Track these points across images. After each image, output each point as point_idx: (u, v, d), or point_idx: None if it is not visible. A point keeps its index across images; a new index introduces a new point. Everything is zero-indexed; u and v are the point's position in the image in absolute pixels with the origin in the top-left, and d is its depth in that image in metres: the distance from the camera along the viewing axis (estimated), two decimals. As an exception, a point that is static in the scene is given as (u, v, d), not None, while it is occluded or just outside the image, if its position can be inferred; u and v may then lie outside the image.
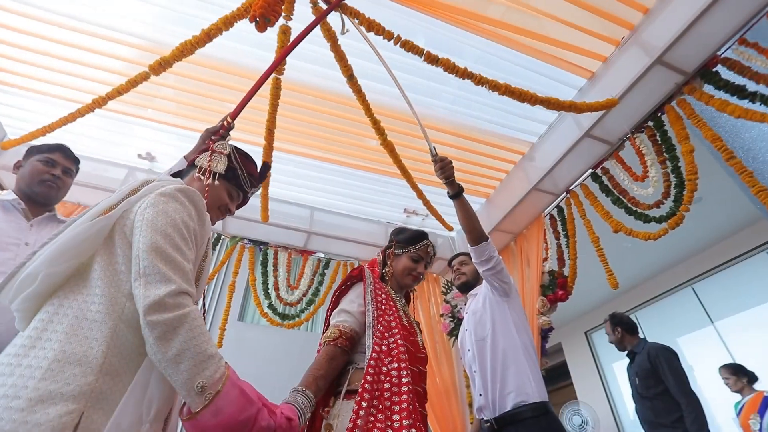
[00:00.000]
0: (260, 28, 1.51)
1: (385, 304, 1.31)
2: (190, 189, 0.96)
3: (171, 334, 0.74)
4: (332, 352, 1.18)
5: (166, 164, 3.11)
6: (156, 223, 0.85)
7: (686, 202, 2.07)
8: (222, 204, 1.15)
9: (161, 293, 0.75)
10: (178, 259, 0.83)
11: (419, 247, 1.52)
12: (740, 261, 5.34)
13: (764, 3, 1.84)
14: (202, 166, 1.13)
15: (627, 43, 2.27)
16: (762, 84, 1.83)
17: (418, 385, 1.20)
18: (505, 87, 1.80)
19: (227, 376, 0.76)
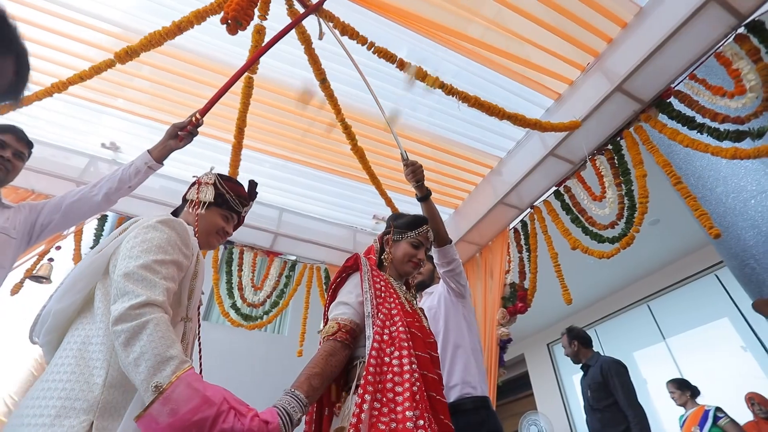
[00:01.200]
0: (231, 31, 1.50)
1: (385, 291, 1.23)
2: (171, 218, 1.05)
3: (133, 340, 0.81)
4: (331, 347, 1.10)
5: (130, 155, 3.02)
6: (132, 251, 0.95)
7: (637, 224, 2.18)
8: (218, 228, 1.25)
9: (125, 306, 0.84)
10: (150, 277, 0.90)
11: (419, 232, 1.46)
12: (691, 281, 5.64)
13: (713, 43, 1.98)
14: (191, 199, 1.23)
15: (591, 69, 2.38)
16: (707, 117, 1.96)
17: (431, 371, 1.13)
18: (474, 99, 1.86)
19: (179, 377, 0.78)
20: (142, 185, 1.69)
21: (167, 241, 0.99)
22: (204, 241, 1.25)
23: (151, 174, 1.62)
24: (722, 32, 1.94)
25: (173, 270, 0.98)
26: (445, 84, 1.79)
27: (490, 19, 2.21)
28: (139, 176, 1.60)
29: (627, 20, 2.21)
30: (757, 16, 1.82)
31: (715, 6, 1.85)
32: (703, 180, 2.99)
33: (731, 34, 1.91)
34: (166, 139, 1.54)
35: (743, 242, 2.72)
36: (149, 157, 1.56)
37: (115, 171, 1.63)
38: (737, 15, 1.86)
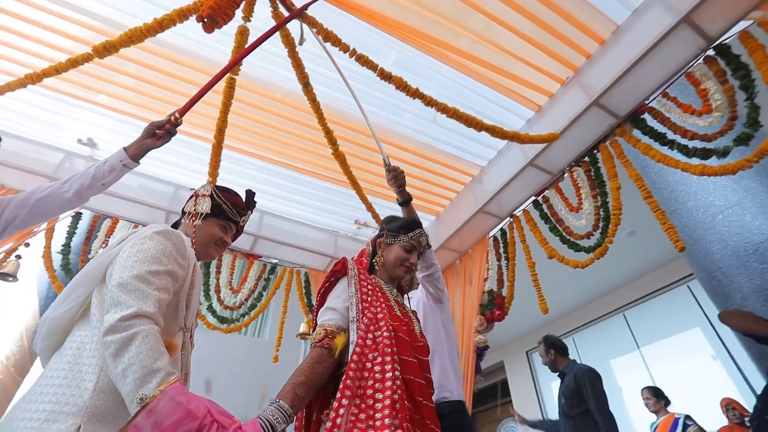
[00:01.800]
0: (207, 29, 1.48)
1: (372, 295, 1.22)
2: (168, 229, 1.08)
3: (122, 351, 0.82)
4: (317, 354, 1.09)
5: (108, 152, 2.95)
6: (128, 261, 0.98)
7: (611, 235, 2.24)
8: (216, 238, 1.27)
9: (116, 317, 0.86)
10: (142, 288, 0.93)
11: (412, 236, 1.43)
12: (665, 292, 5.81)
13: (684, 63, 2.06)
14: (189, 211, 1.27)
15: (570, 83, 2.44)
16: (678, 134, 2.04)
17: (418, 376, 1.11)
18: (453, 111, 1.89)
19: (163, 390, 0.79)
20: (118, 183, 1.65)
21: (162, 251, 1.02)
22: (203, 252, 1.27)
23: (126, 172, 1.58)
24: (693, 53, 2.02)
25: (167, 280, 1.00)
26: (424, 95, 1.81)
27: (477, 32, 2.25)
28: (113, 174, 1.56)
29: (605, 37, 2.28)
30: (725, 39, 1.90)
31: (686, 28, 1.93)
32: (676, 194, 3.09)
33: (701, 55, 2.00)
34: (143, 137, 1.51)
35: (711, 255, 2.82)
36: (125, 155, 1.52)
37: (88, 168, 1.58)
38: (706, 38, 1.94)
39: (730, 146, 1.84)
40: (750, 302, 2.56)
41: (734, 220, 2.71)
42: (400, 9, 2.09)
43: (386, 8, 2.07)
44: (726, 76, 1.86)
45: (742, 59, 1.82)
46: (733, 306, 2.67)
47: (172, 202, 3.08)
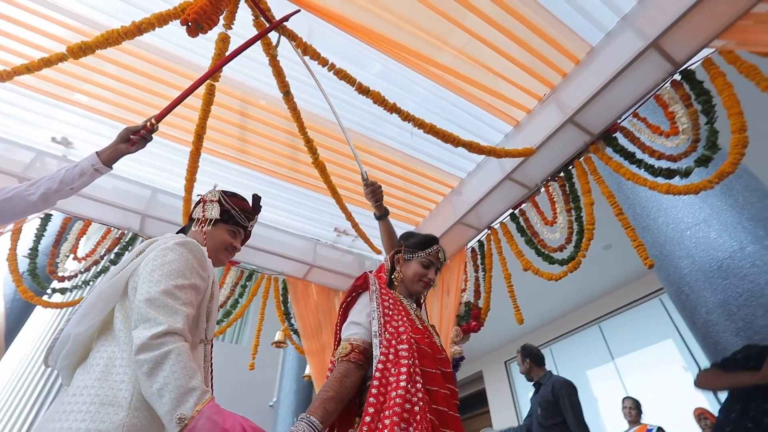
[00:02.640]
0: (192, 33, 1.48)
1: (393, 309, 1.23)
2: (189, 240, 1.09)
3: (156, 370, 0.83)
4: (344, 369, 1.10)
5: (83, 151, 2.88)
6: (152, 275, 0.98)
7: (583, 249, 2.30)
8: (226, 244, 1.29)
9: (147, 335, 0.86)
10: (171, 303, 0.94)
11: (430, 252, 1.45)
12: (639, 304, 5.96)
13: (653, 86, 2.15)
14: (198, 218, 1.28)
15: (547, 100, 2.51)
16: (646, 153, 2.12)
17: (441, 387, 1.12)
18: (429, 126, 1.92)
19: (200, 410, 0.81)
20: (92, 184, 1.62)
21: (186, 264, 1.03)
22: (213, 258, 1.27)
23: (97, 177, 1.55)
24: (661, 77, 2.11)
25: (191, 294, 1.01)
26: (401, 110, 1.84)
27: (458, 48, 2.30)
28: (83, 178, 1.52)
29: (580, 57, 2.36)
30: (690, 65, 2.00)
31: (655, 53, 2.01)
32: (647, 210, 3.19)
33: (668, 79, 2.09)
34: (117, 142, 1.48)
35: (679, 270, 2.91)
36: (97, 160, 1.49)
37: (58, 170, 1.54)
38: (673, 63, 2.03)
39: (692, 167, 1.92)
40: (714, 316, 2.65)
41: (701, 236, 2.81)
42: (383, 22, 2.13)
43: (369, 21, 2.10)
44: (691, 100, 1.95)
45: (705, 85, 1.91)
46: (699, 319, 2.76)
47: (148, 206, 3.02)
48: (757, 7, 1.67)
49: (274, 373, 7.19)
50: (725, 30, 1.81)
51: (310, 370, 3.16)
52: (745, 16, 1.72)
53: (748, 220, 2.60)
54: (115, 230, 3.05)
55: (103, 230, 3.03)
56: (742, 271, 2.51)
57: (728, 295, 2.59)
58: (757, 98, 1.83)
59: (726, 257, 2.64)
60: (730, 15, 1.78)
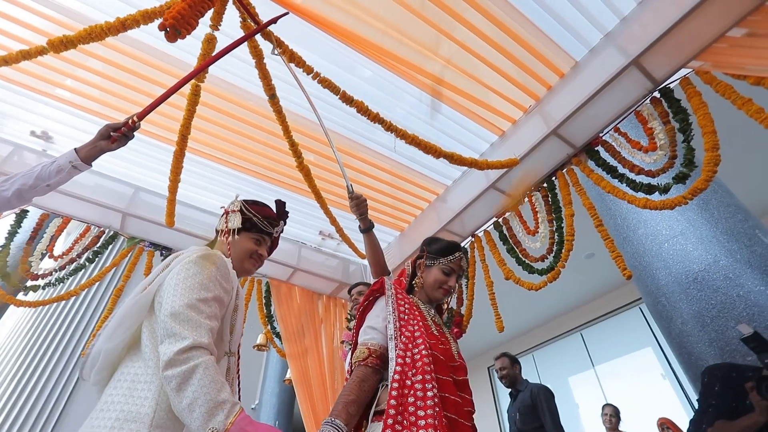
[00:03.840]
0: (170, 38, 1.45)
1: (409, 314, 1.23)
2: (211, 252, 1.11)
3: (184, 385, 0.85)
4: (363, 373, 1.12)
5: (64, 146, 2.83)
6: (176, 290, 0.99)
7: (563, 259, 2.33)
8: (250, 252, 1.28)
9: (174, 350, 0.88)
10: (195, 317, 0.95)
11: (452, 260, 1.42)
12: (620, 313, 6.07)
13: (633, 102, 2.20)
14: (222, 229, 1.29)
15: (532, 112, 2.56)
16: (626, 168, 2.17)
17: (453, 394, 1.11)
18: (412, 137, 1.93)
19: (233, 422, 0.83)
20: (73, 180, 1.58)
21: (209, 277, 1.04)
22: (239, 268, 1.27)
23: (76, 174, 1.51)
24: (641, 93, 2.17)
25: (215, 307, 1.02)
26: (384, 120, 1.85)
27: (446, 58, 2.33)
28: (60, 175, 1.48)
29: (564, 71, 2.41)
30: (669, 83, 2.05)
31: (635, 70, 2.06)
32: (628, 221, 3.26)
33: (648, 96, 2.14)
34: (97, 139, 1.44)
35: (657, 281, 2.98)
36: (75, 156, 1.45)
37: (34, 167, 1.51)
38: (653, 80, 2.09)
39: (671, 183, 1.97)
40: (689, 327, 2.72)
41: (678, 249, 2.88)
42: (373, 30, 2.14)
43: (359, 28, 2.11)
44: (668, 118, 2.00)
45: (682, 103, 1.96)
46: (675, 329, 2.82)
47: (130, 204, 2.97)
48: (731, 31, 1.73)
49: (256, 375, 7.11)
50: (702, 51, 1.87)
51: (291, 374, 3.13)
52: (721, 39, 1.78)
53: (722, 234, 2.68)
54: (95, 228, 2.99)
55: (81, 228, 2.97)
56: (715, 284, 2.58)
57: (702, 306, 2.65)
58: (733, 118, 1.89)
59: (701, 270, 2.71)
60: (706, 37, 1.84)
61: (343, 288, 3.46)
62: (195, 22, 1.43)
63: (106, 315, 3.04)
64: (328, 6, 2.02)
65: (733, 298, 2.47)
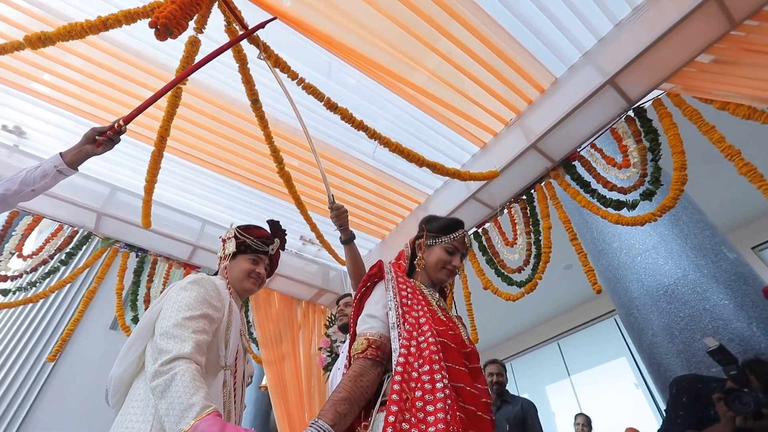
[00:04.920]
0: (160, 37, 1.44)
1: (412, 298, 1.13)
2: (201, 276, 1.20)
3: (165, 393, 0.92)
4: (360, 367, 1.02)
5: (37, 142, 2.75)
6: (167, 312, 1.09)
7: (540, 271, 2.38)
8: (248, 272, 1.36)
9: (158, 363, 0.97)
10: (180, 333, 1.03)
11: (455, 237, 1.32)
12: (596, 323, 6.20)
13: (609, 120, 2.28)
14: (220, 256, 1.39)
15: (513, 125, 2.61)
16: (600, 183, 2.23)
17: (467, 384, 1.01)
18: (395, 145, 1.95)
19: (192, 425, 0.86)
20: (59, 183, 1.54)
21: (196, 298, 1.13)
22: (240, 288, 1.36)
23: (61, 179, 1.47)
24: (617, 112, 2.25)
25: (203, 323, 1.10)
26: (368, 128, 1.86)
27: (431, 70, 2.37)
28: (45, 180, 1.44)
29: (545, 87, 2.48)
30: (643, 103, 2.13)
31: (611, 89, 2.14)
32: (603, 235, 3.34)
33: (623, 114, 2.22)
34: (82, 143, 1.41)
35: (630, 293, 3.06)
36: (60, 161, 1.41)
37: (18, 171, 1.47)
38: (628, 99, 2.17)
39: (638, 200, 2.04)
40: (659, 338, 2.80)
41: (650, 262, 2.97)
42: (359, 40, 2.16)
43: (346, 37, 2.13)
44: (641, 137, 2.08)
45: (654, 123, 2.04)
46: (646, 341, 2.90)
47: (106, 204, 2.90)
48: (699, 57, 1.81)
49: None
50: (673, 74, 1.95)
51: (267, 381, 3.09)
52: (690, 64, 1.86)
53: (691, 249, 2.78)
54: (68, 228, 2.91)
55: (53, 227, 2.88)
56: (684, 297, 2.67)
57: (671, 319, 2.74)
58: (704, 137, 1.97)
59: (671, 283, 2.80)
60: (677, 61, 1.92)
61: (323, 294, 3.45)
62: (185, 24, 1.43)
63: (77, 318, 2.94)
64: (315, 13, 2.03)
65: (700, 311, 2.56)
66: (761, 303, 2.41)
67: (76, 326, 2.85)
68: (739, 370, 2.07)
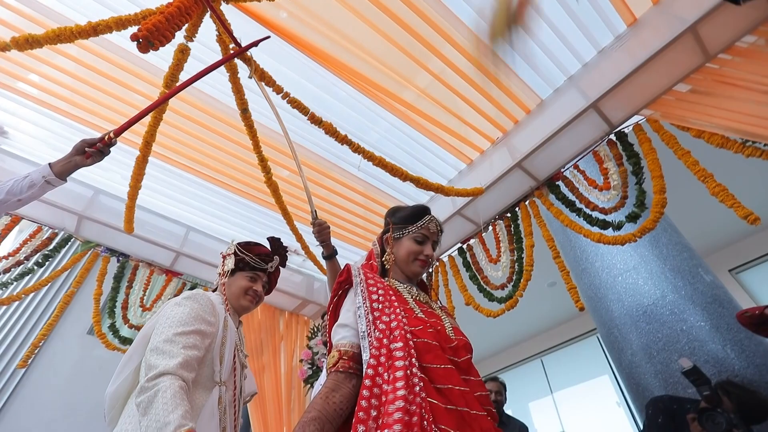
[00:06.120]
0: (142, 50, 1.44)
1: (383, 301, 1.06)
2: (195, 292, 1.21)
3: (147, 410, 0.93)
4: (332, 382, 0.95)
5: (20, 142, 2.70)
6: (159, 328, 1.10)
7: (521, 289, 2.40)
8: (245, 289, 1.37)
9: (143, 380, 0.97)
10: (170, 349, 1.03)
11: (422, 225, 1.24)
12: (579, 341, 6.25)
13: (592, 142, 2.34)
14: (219, 273, 1.40)
15: (499, 144, 2.66)
16: (583, 204, 2.28)
17: (456, 383, 0.94)
18: (379, 159, 1.97)
19: None
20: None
21: (189, 314, 1.13)
22: (237, 305, 1.36)
23: (49, 190, 1.46)
24: (599, 135, 2.31)
25: (195, 338, 1.09)
26: (352, 142, 1.88)
27: (421, 88, 2.41)
28: (32, 190, 1.43)
29: (531, 108, 2.54)
30: (624, 127, 2.20)
31: (594, 113, 2.21)
32: (587, 254, 3.40)
33: (605, 138, 2.28)
34: (72, 154, 1.40)
35: (611, 313, 3.10)
36: (49, 171, 1.40)
37: (5, 181, 1.45)
38: (609, 123, 2.24)
39: (623, 221, 2.09)
40: (638, 358, 2.83)
41: (630, 282, 3.02)
42: (351, 56, 2.20)
43: (338, 53, 2.16)
44: (622, 160, 2.14)
45: (634, 148, 2.10)
46: (625, 360, 2.93)
47: (88, 207, 2.85)
48: (677, 86, 1.89)
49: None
50: (652, 101, 2.02)
51: (246, 393, 3.02)
52: (669, 92, 1.93)
53: (670, 271, 2.83)
54: (47, 229, 2.85)
55: (32, 228, 2.82)
56: (662, 318, 2.71)
57: (650, 339, 2.78)
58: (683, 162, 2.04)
59: (650, 304, 2.85)
60: (656, 89, 2.00)
61: (307, 305, 3.42)
62: (171, 35, 1.43)
63: (51, 322, 2.86)
64: (308, 29, 2.06)
65: (678, 332, 2.61)
66: (735, 326, 2.47)
67: (50, 331, 2.77)
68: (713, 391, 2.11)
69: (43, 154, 2.70)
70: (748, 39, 1.76)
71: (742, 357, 2.37)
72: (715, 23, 1.80)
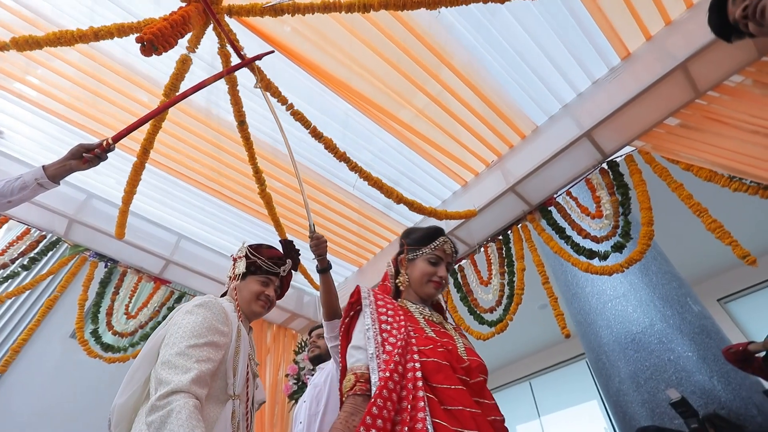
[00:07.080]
0: (146, 53, 1.46)
1: (393, 323, 1.06)
2: (207, 299, 1.15)
3: (160, 430, 0.87)
4: (351, 405, 0.95)
5: (15, 143, 2.68)
6: (171, 339, 1.05)
7: (512, 312, 2.40)
8: (257, 294, 1.31)
9: (154, 398, 0.92)
10: (183, 363, 0.98)
11: (436, 246, 1.25)
12: (568, 365, 6.21)
13: (584, 170, 2.38)
14: (230, 276, 1.35)
15: (494, 167, 2.69)
16: (574, 231, 2.30)
17: (468, 405, 0.92)
18: (375, 180, 1.98)
19: None
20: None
21: (202, 324, 1.08)
22: (248, 311, 1.31)
23: (41, 192, 1.44)
24: (591, 163, 2.35)
25: (209, 351, 1.04)
26: (350, 160, 1.90)
27: (419, 108, 2.45)
28: (24, 192, 1.41)
29: (526, 134, 2.58)
30: (616, 157, 2.24)
31: (587, 142, 2.25)
32: (577, 279, 3.41)
33: (598, 166, 2.32)
34: (67, 157, 1.38)
35: (599, 339, 3.10)
36: (42, 174, 1.38)
37: None
38: (602, 153, 2.28)
39: (609, 252, 2.11)
40: (625, 386, 2.82)
41: (619, 309, 3.03)
42: (351, 74, 2.23)
43: (338, 71, 2.19)
44: (613, 189, 2.17)
45: (625, 178, 2.14)
46: (613, 387, 2.92)
47: (79, 210, 2.82)
48: (668, 120, 1.94)
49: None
50: (644, 134, 2.07)
51: (228, 407, 2.96)
52: (660, 125, 1.98)
53: (659, 299, 2.85)
54: (35, 231, 2.81)
55: (19, 229, 2.78)
56: (650, 346, 2.71)
57: (638, 367, 2.77)
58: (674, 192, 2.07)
59: (639, 332, 2.85)
60: (647, 122, 2.05)
61: (295, 318, 3.38)
62: (174, 41, 1.45)
63: (32, 327, 2.80)
64: (311, 46, 2.10)
65: (665, 361, 2.60)
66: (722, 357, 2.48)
67: (30, 336, 2.71)
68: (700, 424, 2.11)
69: (38, 157, 2.68)
70: (735, 78, 1.81)
71: (728, 389, 2.37)
72: (704, 61, 1.86)
